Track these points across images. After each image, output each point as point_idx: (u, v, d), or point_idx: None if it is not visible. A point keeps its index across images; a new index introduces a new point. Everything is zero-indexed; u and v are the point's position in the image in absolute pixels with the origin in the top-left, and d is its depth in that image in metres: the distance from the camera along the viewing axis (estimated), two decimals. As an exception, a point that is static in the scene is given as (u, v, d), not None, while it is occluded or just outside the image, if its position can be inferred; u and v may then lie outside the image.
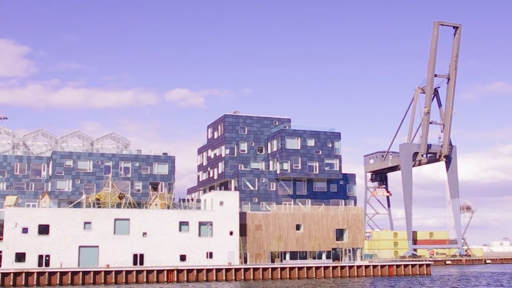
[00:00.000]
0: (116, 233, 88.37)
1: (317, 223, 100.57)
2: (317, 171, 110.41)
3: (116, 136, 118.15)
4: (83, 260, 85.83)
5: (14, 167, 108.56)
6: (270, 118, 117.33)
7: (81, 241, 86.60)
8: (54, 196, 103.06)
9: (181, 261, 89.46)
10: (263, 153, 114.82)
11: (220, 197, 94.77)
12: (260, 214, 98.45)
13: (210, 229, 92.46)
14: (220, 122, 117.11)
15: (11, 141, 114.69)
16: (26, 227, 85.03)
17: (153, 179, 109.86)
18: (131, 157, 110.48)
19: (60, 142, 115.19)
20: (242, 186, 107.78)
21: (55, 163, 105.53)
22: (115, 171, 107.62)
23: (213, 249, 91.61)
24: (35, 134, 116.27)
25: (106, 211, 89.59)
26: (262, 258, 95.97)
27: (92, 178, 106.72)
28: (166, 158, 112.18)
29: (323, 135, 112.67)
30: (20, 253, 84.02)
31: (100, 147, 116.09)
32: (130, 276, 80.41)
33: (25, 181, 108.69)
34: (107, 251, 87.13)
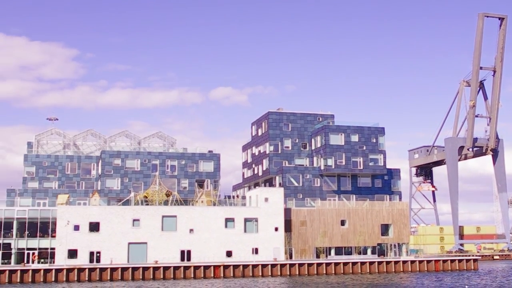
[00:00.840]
0: (164, 230, 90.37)
1: (362, 219, 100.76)
2: (361, 167, 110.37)
3: (162, 134, 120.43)
4: (132, 257, 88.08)
5: (66, 167, 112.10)
6: (313, 115, 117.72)
7: (130, 238, 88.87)
8: (104, 194, 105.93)
9: (227, 257, 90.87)
10: (307, 150, 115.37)
11: (265, 194, 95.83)
12: (304, 210, 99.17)
13: (256, 225, 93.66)
14: (264, 119, 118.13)
15: (62, 142, 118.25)
16: (77, 225, 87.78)
17: (199, 176, 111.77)
18: (177, 155, 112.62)
19: (108, 142, 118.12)
20: (286, 183, 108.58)
21: (104, 162, 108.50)
22: (162, 169, 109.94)
23: (259, 245, 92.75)
24: (85, 134, 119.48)
25: (154, 209, 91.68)
26: (307, 253, 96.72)
27: (140, 176, 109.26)
28: (212, 156, 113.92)
29: (367, 130, 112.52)
30: (72, 249, 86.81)
31: (147, 146, 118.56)
32: (178, 272, 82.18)
33: (76, 180, 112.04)
34: (155, 247, 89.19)
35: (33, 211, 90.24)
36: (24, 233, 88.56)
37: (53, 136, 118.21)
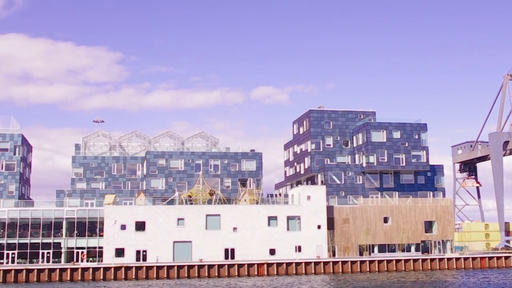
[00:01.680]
0: (208, 228, 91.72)
1: (405, 216, 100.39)
2: (403, 163, 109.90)
3: (205, 134, 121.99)
4: (177, 255, 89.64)
5: (112, 168, 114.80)
6: (354, 112, 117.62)
7: (175, 237, 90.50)
8: (149, 194, 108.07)
9: (270, 255, 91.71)
10: (348, 147, 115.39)
11: (307, 192, 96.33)
12: (347, 208, 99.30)
13: (298, 223, 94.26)
14: (305, 117, 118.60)
15: (108, 143, 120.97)
16: (124, 224, 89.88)
17: (242, 175, 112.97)
18: (220, 154, 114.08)
19: (153, 142, 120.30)
20: (328, 180, 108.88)
21: (149, 162, 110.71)
22: (205, 168, 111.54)
23: (302, 243, 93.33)
24: (130, 135, 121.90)
25: (198, 208, 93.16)
26: (350, 251, 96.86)
27: (184, 176, 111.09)
28: (254, 155, 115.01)
29: (409, 126, 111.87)
30: (119, 248, 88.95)
31: (190, 146, 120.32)
32: (222, 270, 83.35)
33: (122, 181, 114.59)
34: (199, 246, 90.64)
35: (81, 211, 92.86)
36: (73, 233, 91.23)
37: (99, 138, 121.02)
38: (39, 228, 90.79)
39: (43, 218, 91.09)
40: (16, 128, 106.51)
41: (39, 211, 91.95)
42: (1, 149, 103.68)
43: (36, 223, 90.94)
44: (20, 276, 78.40)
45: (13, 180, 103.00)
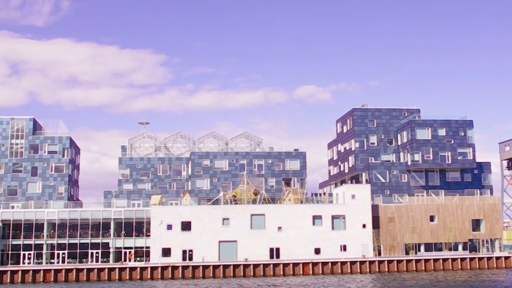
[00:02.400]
0: (253, 228, 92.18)
1: (451, 214, 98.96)
2: (449, 161, 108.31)
3: (249, 134, 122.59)
4: (223, 254, 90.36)
5: (157, 168, 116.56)
6: (399, 110, 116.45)
7: (220, 236, 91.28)
8: (194, 194, 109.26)
9: (315, 254, 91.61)
10: (393, 145, 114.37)
11: (351, 191, 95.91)
12: (392, 206, 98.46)
13: (343, 222, 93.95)
14: (348, 116, 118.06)
15: (154, 144, 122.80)
16: (170, 224, 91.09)
17: (286, 175, 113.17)
18: (264, 154, 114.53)
19: (197, 143, 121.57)
20: (373, 179, 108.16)
21: (193, 163, 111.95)
22: (249, 168, 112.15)
23: (347, 242, 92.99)
24: (175, 136, 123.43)
25: (243, 207, 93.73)
26: (396, 250, 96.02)
27: (228, 176, 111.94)
28: (297, 154, 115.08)
29: (454, 123, 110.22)
30: (166, 248, 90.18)
31: (234, 146, 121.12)
32: (268, 270, 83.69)
33: (168, 181, 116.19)
34: (245, 245, 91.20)
35: (128, 211, 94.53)
36: (121, 233, 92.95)
37: (145, 140, 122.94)
38: (88, 229, 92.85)
39: (91, 219, 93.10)
40: (65, 131, 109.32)
41: (87, 212, 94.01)
42: (51, 151, 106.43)
43: (85, 224, 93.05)
44: (70, 275, 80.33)
45: (62, 181, 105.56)
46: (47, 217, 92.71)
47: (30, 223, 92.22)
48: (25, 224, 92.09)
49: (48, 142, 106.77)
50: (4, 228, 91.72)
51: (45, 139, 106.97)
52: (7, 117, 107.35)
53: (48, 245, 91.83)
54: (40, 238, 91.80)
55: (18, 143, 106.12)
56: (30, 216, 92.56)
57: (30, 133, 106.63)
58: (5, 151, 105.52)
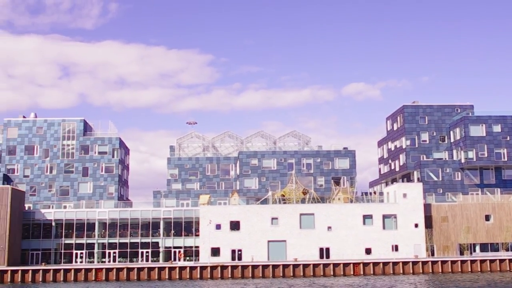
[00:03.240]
0: (302, 227, 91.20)
1: (508, 213, 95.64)
2: (505, 158, 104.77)
3: (297, 133, 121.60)
4: (272, 254, 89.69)
5: (206, 168, 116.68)
6: (451, 106, 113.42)
7: (269, 236, 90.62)
8: (243, 194, 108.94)
9: (366, 254, 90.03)
10: (445, 142, 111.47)
11: (403, 189, 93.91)
12: (445, 205, 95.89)
13: (395, 221, 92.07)
14: (399, 113, 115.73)
15: (202, 144, 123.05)
16: (219, 224, 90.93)
17: (335, 173, 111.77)
18: (313, 153, 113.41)
19: (245, 143, 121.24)
20: (425, 177, 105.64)
21: (242, 162, 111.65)
22: (298, 167, 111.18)
23: (398, 242, 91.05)
24: (222, 136, 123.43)
25: (292, 207, 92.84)
26: (450, 250, 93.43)
27: (277, 175, 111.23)
28: (347, 153, 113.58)
29: (510, 119, 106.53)
30: (215, 248, 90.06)
31: (282, 145, 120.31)
32: (317, 270, 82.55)
33: (216, 181, 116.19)
34: (294, 245, 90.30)
35: (177, 211, 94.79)
36: (170, 232, 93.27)
37: (193, 139, 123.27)
38: (138, 228, 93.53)
39: (141, 219, 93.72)
40: (114, 132, 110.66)
41: (137, 212, 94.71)
42: (101, 152, 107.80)
43: (135, 223, 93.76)
44: (121, 274, 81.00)
45: (112, 182, 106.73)
46: (98, 216, 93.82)
47: (82, 222, 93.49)
48: (77, 223, 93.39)
49: (98, 143, 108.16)
50: (57, 227, 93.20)
51: (95, 140, 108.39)
52: (59, 118, 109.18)
53: (99, 244, 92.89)
54: (92, 237, 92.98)
55: (69, 144, 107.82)
56: (82, 216, 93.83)
57: (80, 134, 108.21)
58: (57, 152, 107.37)
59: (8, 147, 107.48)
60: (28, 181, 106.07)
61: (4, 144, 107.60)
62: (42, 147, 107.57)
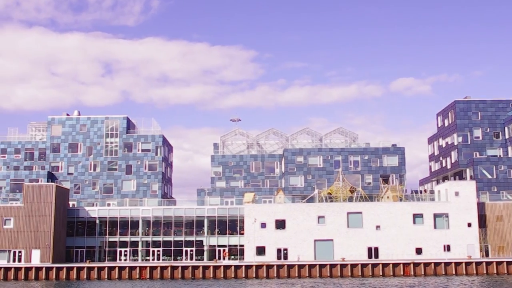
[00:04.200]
0: (350, 226, 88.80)
1: None
2: None
3: (343, 130, 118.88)
4: (318, 254, 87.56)
5: (250, 166, 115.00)
6: (505, 101, 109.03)
7: (316, 235, 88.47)
8: (288, 192, 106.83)
9: (416, 254, 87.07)
10: (500, 139, 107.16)
11: (455, 187, 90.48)
12: (500, 204, 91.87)
13: (446, 221, 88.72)
14: (450, 109, 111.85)
15: (246, 141, 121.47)
16: (264, 222, 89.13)
17: (383, 171, 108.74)
18: (360, 150, 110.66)
19: (290, 140, 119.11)
20: (478, 175, 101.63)
21: (287, 160, 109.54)
22: (345, 165, 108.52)
23: (450, 242, 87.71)
24: (267, 133, 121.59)
25: (339, 205, 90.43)
26: (506, 250, 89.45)
27: (323, 173, 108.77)
28: (396, 150, 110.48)
29: None
30: (260, 246, 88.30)
31: (328, 142, 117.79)
32: (366, 270, 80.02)
33: (261, 179, 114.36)
34: (341, 244, 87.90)
35: (221, 209, 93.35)
36: (215, 231, 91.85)
37: (237, 137, 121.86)
38: (182, 226, 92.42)
39: (185, 217, 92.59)
40: (157, 129, 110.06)
41: (181, 210, 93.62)
42: (144, 150, 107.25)
43: (179, 221, 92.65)
44: (165, 272, 79.89)
45: (156, 179, 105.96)
46: (142, 214, 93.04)
47: (126, 220, 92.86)
48: (121, 221, 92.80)
49: (142, 141, 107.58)
50: (101, 225, 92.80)
51: (139, 137, 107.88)
52: (102, 116, 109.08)
53: (143, 242, 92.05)
54: (136, 235, 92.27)
55: (112, 141, 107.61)
56: (126, 214, 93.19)
57: (124, 131, 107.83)
58: (100, 150, 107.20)
59: (52, 144, 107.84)
60: (72, 178, 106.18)
61: (48, 142, 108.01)
62: (85, 144, 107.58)
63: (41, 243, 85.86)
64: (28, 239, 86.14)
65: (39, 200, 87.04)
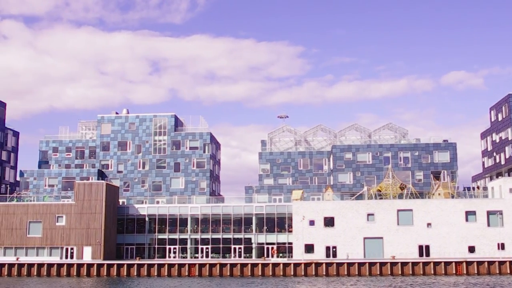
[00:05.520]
0: (400, 224, 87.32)
1: None
2: None
3: (393, 126, 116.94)
4: (368, 251, 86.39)
5: (298, 163, 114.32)
6: None
7: (365, 233, 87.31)
8: (337, 189, 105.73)
9: (469, 252, 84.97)
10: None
11: (509, 184, 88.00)
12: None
13: (500, 218, 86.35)
14: (504, 102, 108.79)
15: (293, 138, 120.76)
16: (312, 220, 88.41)
17: (434, 167, 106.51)
18: (410, 146, 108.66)
19: (338, 136, 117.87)
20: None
21: (335, 156, 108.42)
22: (395, 161, 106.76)
23: (505, 240, 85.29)
24: (315, 130, 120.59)
25: (388, 202, 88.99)
26: None
27: (372, 169, 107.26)
28: (447, 145, 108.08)
29: None
30: (309, 244, 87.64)
31: (377, 138, 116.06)
32: (417, 268, 78.56)
33: (309, 176, 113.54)
34: (391, 242, 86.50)
35: (269, 207, 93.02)
36: (263, 228, 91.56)
37: (284, 134, 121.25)
38: (230, 224, 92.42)
39: (233, 214, 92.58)
40: (205, 127, 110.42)
41: (229, 207, 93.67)
42: (192, 147, 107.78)
43: (227, 219, 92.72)
44: (214, 270, 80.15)
45: (204, 177, 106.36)
46: (191, 212, 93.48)
47: (175, 218, 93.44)
48: (170, 219, 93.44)
49: (190, 138, 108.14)
50: (150, 222, 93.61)
51: (187, 135, 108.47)
52: (150, 114, 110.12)
53: (192, 240, 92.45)
54: (184, 232, 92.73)
55: (161, 139, 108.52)
56: (174, 211, 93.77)
57: (172, 129, 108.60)
58: (149, 148, 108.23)
59: (102, 143, 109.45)
60: (121, 176, 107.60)
61: (98, 140, 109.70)
62: (134, 142, 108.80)
63: (93, 240, 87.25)
64: (79, 236, 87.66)
65: (90, 198, 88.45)
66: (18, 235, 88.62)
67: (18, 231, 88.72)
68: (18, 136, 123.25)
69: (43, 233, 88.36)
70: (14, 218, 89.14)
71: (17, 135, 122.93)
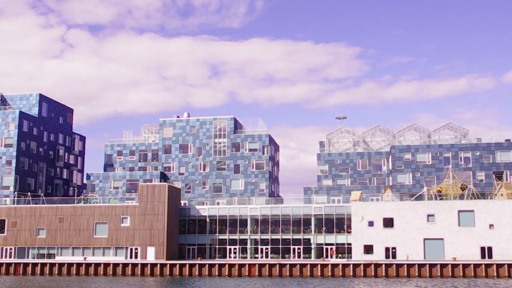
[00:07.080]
0: (461, 225, 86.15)
1: None
2: None
3: (453, 125, 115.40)
4: (428, 253, 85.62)
5: (357, 164, 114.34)
6: None
7: (425, 234, 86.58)
8: (396, 190, 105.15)
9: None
10: None
11: None
12: None
13: None
14: None
15: (352, 139, 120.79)
16: (371, 221, 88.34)
17: (497, 168, 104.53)
18: (471, 146, 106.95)
19: (397, 136, 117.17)
20: None
21: (394, 157, 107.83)
22: (455, 161, 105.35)
23: None
24: (373, 130, 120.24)
25: (449, 203, 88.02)
26: None
27: (432, 170, 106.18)
28: (510, 145, 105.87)
29: None
30: (368, 245, 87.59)
31: (437, 138, 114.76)
32: (479, 270, 77.51)
33: (367, 176, 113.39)
34: (452, 243, 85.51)
35: (328, 207, 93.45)
36: (322, 229, 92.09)
37: (342, 135, 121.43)
38: (289, 225, 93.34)
39: (292, 215, 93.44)
40: (264, 129, 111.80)
41: (288, 208, 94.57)
42: (251, 149, 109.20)
43: (286, 220, 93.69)
44: (274, 270, 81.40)
45: (263, 178, 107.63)
46: (250, 213, 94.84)
47: (235, 218, 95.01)
48: (230, 219, 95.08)
49: (249, 140, 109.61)
50: (211, 223, 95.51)
51: (246, 137, 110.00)
52: (210, 117, 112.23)
53: (251, 240, 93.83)
54: (244, 233, 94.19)
55: (221, 142, 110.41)
56: (234, 212, 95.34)
57: (231, 132, 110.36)
58: (209, 150, 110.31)
59: (164, 146, 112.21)
60: (183, 178, 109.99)
61: (160, 143, 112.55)
62: (195, 145, 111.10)
63: (156, 241, 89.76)
64: (143, 237, 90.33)
65: (153, 200, 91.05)
66: (85, 235, 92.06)
67: (85, 232, 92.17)
68: (84, 140, 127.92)
69: (108, 234, 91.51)
70: (81, 220, 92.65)
71: (83, 140, 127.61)
